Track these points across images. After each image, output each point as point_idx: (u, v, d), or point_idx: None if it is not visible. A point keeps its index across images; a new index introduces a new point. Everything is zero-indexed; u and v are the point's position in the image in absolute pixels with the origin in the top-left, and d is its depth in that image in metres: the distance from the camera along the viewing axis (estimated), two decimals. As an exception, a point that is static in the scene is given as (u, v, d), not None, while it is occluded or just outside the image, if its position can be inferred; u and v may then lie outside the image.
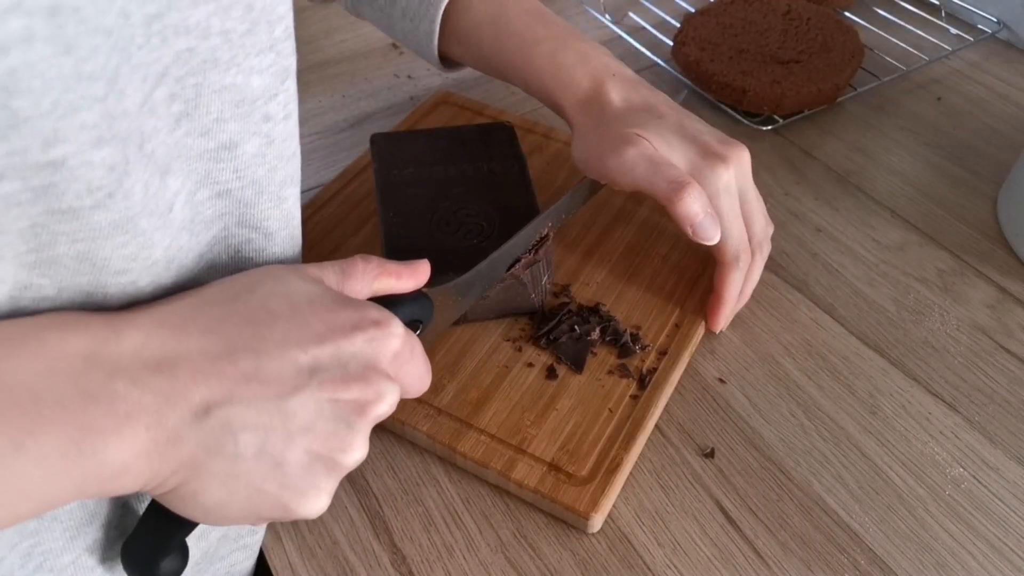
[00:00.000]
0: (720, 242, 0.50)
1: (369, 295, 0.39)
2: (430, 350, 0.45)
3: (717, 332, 0.55)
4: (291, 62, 0.36)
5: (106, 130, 0.28)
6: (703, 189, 0.49)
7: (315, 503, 0.34)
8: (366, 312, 0.35)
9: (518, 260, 0.49)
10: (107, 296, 0.32)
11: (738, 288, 0.53)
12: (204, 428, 0.31)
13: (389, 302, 0.39)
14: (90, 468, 0.29)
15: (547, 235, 0.51)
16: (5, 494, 0.28)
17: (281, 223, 0.39)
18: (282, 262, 0.40)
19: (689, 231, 0.49)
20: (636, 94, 0.53)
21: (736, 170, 0.50)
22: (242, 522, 0.34)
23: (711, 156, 0.50)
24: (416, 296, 0.42)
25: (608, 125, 0.52)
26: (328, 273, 0.37)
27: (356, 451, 0.34)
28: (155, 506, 0.35)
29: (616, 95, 0.53)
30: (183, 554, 0.37)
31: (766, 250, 0.54)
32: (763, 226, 0.53)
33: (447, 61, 0.60)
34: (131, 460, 0.30)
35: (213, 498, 0.32)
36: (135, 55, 0.28)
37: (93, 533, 0.37)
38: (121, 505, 0.37)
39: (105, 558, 0.37)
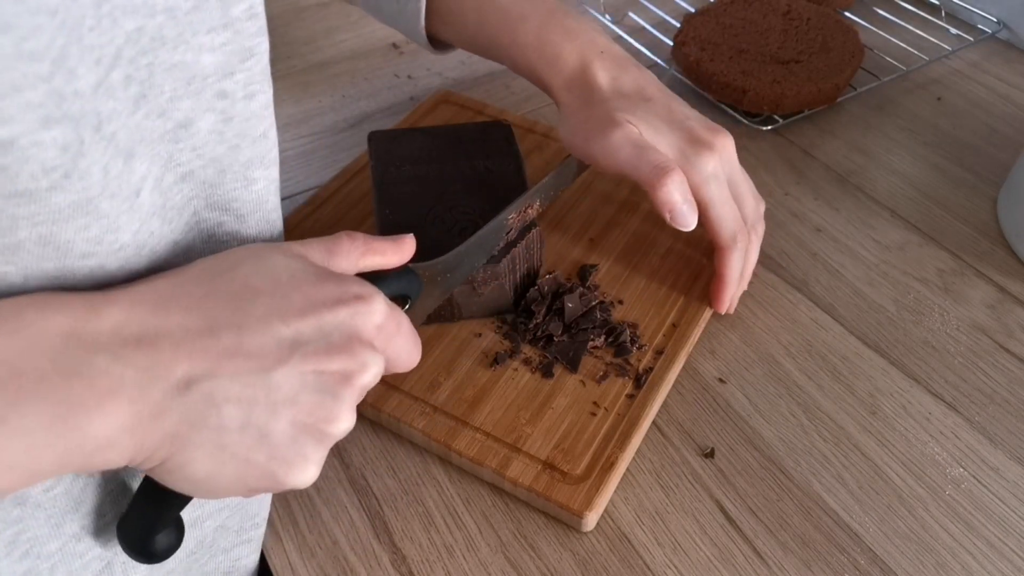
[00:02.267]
0: (716, 226, 0.51)
1: (355, 271, 0.39)
2: (424, 343, 0.45)
3: (723, 313, 0.55)
4: (256, 43, 0.35)
5: (54, 109, 0.27)
6: (690, 176, 0.49)
7: (303, 473, 0.34)
8: (348, 286, 0.35)
9: (508, 244, 0.50)
10: (76, 281, 0.32)
11: (739, 269, 0.53)
12: (187, 402, 0.31)
13: (375, 277, 0.39)
14: (73, 442, 0.29)
15: (530, 217, 0.51)
16: None
17: (252, 206, 0.38)
18: (249, 242, 0.40)
19: (667, 217, 0.49)
20: (625, 74, 0.52)
21: (722, 155, 0.50)
22: (233, 494, 0.34)
23: (697, 143, 0.50)
24: (403, 271, 0.42)
25: (595, 107, 0.51)
26: (313, 250, 0.37)
27: (342, 421, 0.34)
28: (147, 482, 0.35)
29: (604, 76, 0.52)
30: (178, 530, 0.37)
31: (760, 229, 0.55)
32: (754, 206, 0.54)
33: (436, 42, 0.59)
34: (115, 434, 0.30)
35: (201, 470, 0.32)
36: (86, 36, 0.28)
37: (79, 520, 0.37)
38: (107, 492, 0.37)
39: (93, 544, 0.37)
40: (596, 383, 0.50)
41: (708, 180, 0.50)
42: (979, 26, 0.84)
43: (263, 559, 0.46)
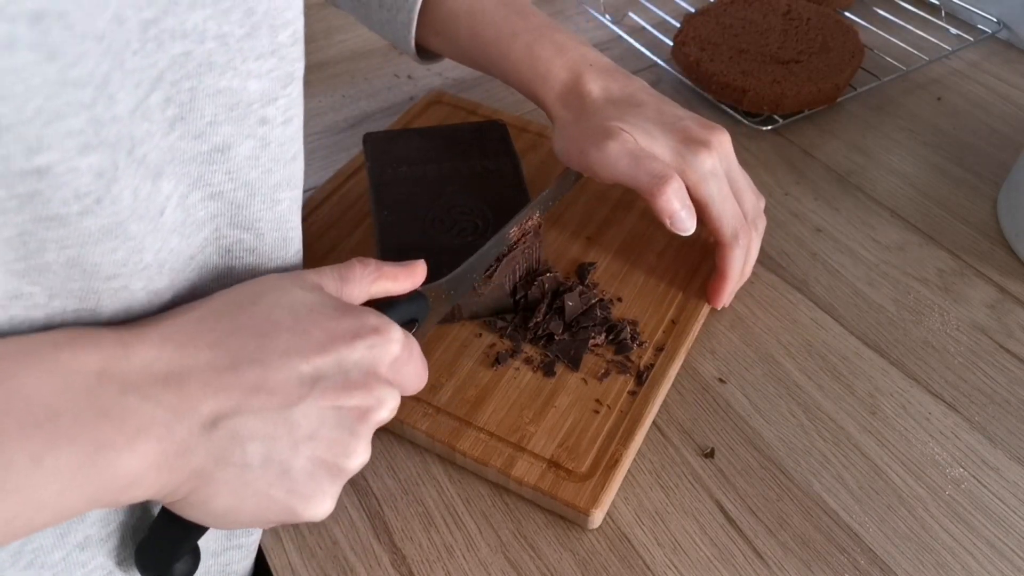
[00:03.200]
0: (718, 224, 0.51)
1: (367, 298, 0.40)
2: (425, 345, 0.45)
3: (719, 309, 0.55)
4: (297, 67, 0.36)
5: (93, 136, 0.27)
6: (688, 175, 0.50)
7: (320, 506, 0.35)
8: (365, 319, 0.36)
9: (506, 254, 0.50)
10: (100, 302, 0.32)
11: (740, 266, 0.53)
12: (213, 439, 0.32)
13: (386, 303, 0.40)
14: (104, 480, 0.30)
15: (531, 229, 0.51)
16: (23, 505, 0.28)
17: (273, 224, 0.39)
18: (274, 262, 0.40)
19: (668, 223, 0.50)
20: (615, 83, 0.53)
21: (719, 153, 0.51)
22: (251, 526, 0.35)
23: (693, 143, 0.50)
24: (412, 296, 0.42)
25: (588, 118, 0.52)
26: (327, 279, 0.38)
27: (359, 456, 0.35)
28: (167, 511, 0.35)
29: (595, 86, 0.52)
30: (195, 557, 0.37)
31: (761, 225, 0.55)
32: (754, 202, 0.54)
33: (423, 52, 0.59)
34: (143, 471, 0.30)
35: (223, 504, 0.33)
36: (129, 60, 0.28)
37: (83, 530, 0.37)
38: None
39: (96, 554, 0.38)
40: (598, 381, 0.50)
41: (706, 178, 0.50)
42: (979, 26, 0.84)
43: (262, 559, 0.46)
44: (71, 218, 0.28)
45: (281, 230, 0.39)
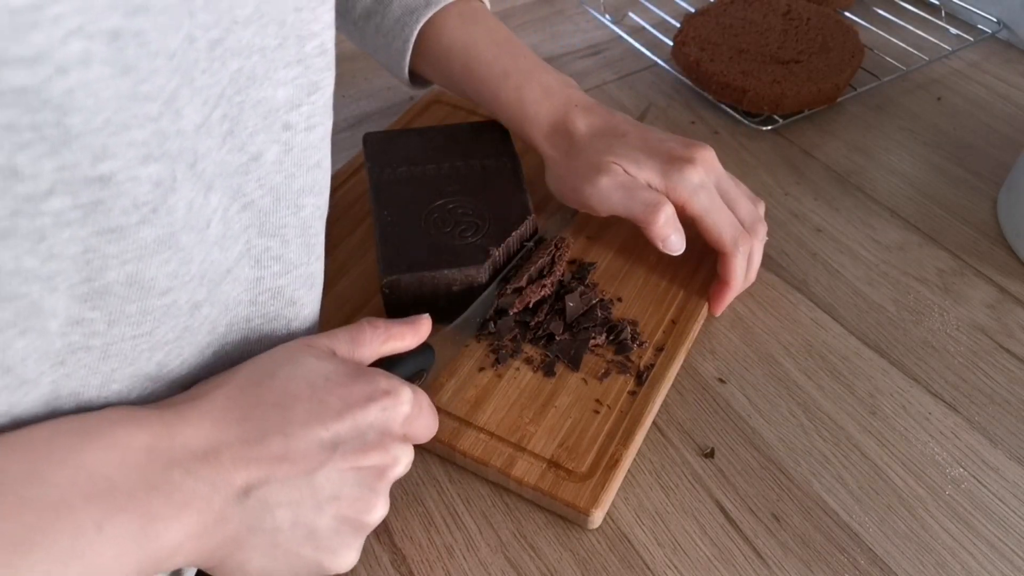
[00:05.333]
0: (715, 234, 0.52)
1: (378, 357, 0.43)
2: (432, 387, 0.48)
3: (718, 315, 0.56)
4: (322, 78, 0.37)
5: (156, 148, 0.29)
6: (678, 192, 0.52)
7: (346, 559, 0.38)
8: (377, 383, 0.39)
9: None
10: (154, 325, 0.34)
11: (742, 273, 0.54)
12: (246, 508, 0.34)
13: (395, 358, 0.43)
14: (151, 550, 0.32)
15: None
16: (86, 569, 0.31)
17: (297, 231, 0.40)
18: (298, 268, 0.41)
19: (660, 246, 0.53)
20: (598, 118, 0.55)
21: (704, 167, 0.53)
22: None
23: (677, 160, 0.52)
24: (419, 348, 0.45)
25: (578, 155, 0.54)
26: (340, 343, 0.41)
27: (379, 510, 0.38)
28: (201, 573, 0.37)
29: (581, 123, 0.55)
30: None
31: (762, 230, 0.55)
32: (750, 208, 0.55)
33: (415, 77, 0.61)
34: (184, 541, 0.33)
35: (257, 566, 0.36)
36: (198, 78, 0.30)
37: None
38: None
39: None
40: (598, 381, 0.50)
41: (696, 191, 0.52)
42: (979, 26, 0.84)
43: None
44: (129, 229, 0.30)
45: (305, 236, 0.41)
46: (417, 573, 0.44)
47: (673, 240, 0.52)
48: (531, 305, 0.52)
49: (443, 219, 0.53)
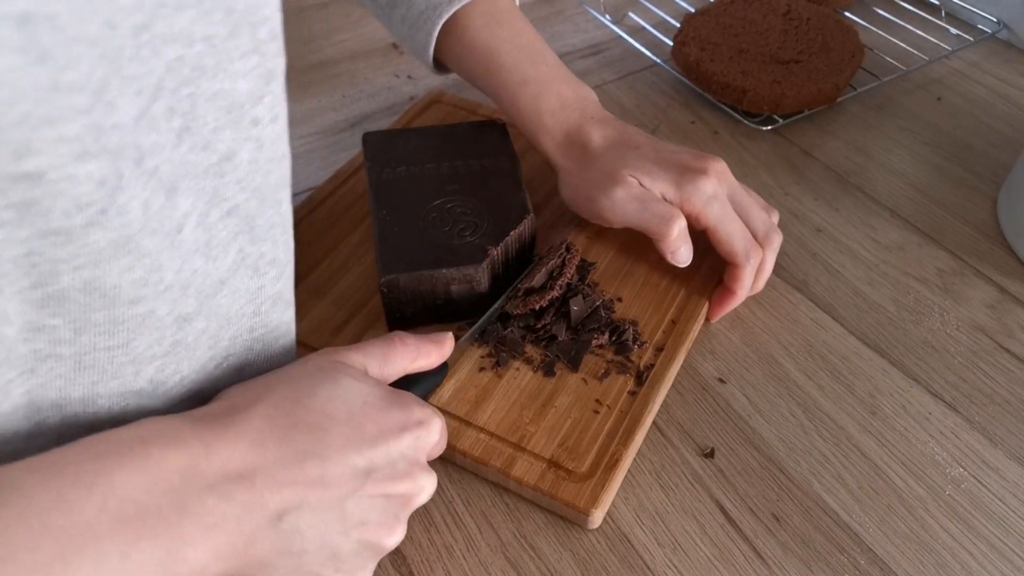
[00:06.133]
0: (727, 245, 0.53)
1: (404, 373, 0.43)
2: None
3: (714, 322, 0.56)
4: (276, 63, 0.35)
5: (92, 143, 0.27)
6: (691, 203, 0.52)
7: None
8: (411, 413, 0.39)
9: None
10: (129, 335, 0.33)
11: (749, 284, 0.54)
12: (279, 532, 0.34)
13: (413, 379, 0.44)
14: (176, 571, 0.31)
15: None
16: None
17: (282, 228, 0.40)
18: (287, 267, 0.41)
19: (670, 258, 0.53)
20: (612, 130, 0.56)
21: (717, 178, 0.53)
22: None
23: (690, 172, 0.53)
24: (439, 367, 0.46)
25: (592, 166, 0.55)
26: (372, 361, 0.41)
27: (398, 535, 0.38)
28: None
29: (595, 135, 0.56)
30: None
31: (776, 240, 0.55)
32: (764, 219, 0.54)
33: (440, 66, 0.61)
34: (210, 562, 0.32)
35: None
36: (126, 66, 0.28)
37: None
38: None
39: None
40: (598, 381, 0.50)
41: (708, 202, 0.52)
42: (979, 26, 0.84)
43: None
44: (76, 231, 0.28)
45: (288, 232, 0.40)
46: (417, 573, 0.44)
47: (683, 252, 0.53)
48: (538, 309, 0.52)
49: (442, 218, 0.53)
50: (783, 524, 0.45)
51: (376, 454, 0.37)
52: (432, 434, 0.39)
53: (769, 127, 0.71)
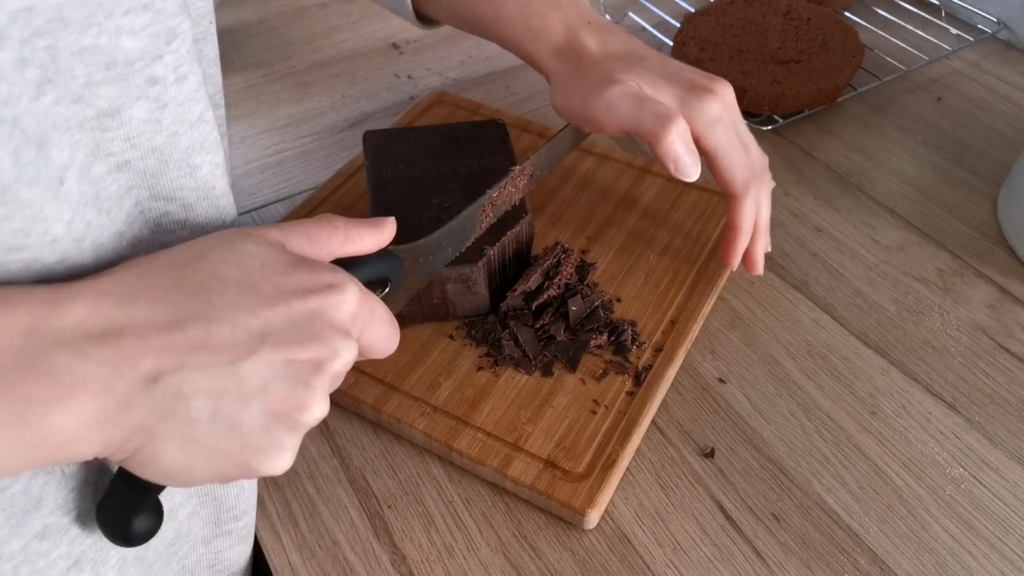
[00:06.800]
0: (728, 173, 0.50)
1: (334, 258, 0.39)
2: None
3: (733, 268, 0.55)
4: (178, 23, 0.34)
5: None
6: (695, 122, 0.49)
7: (277, 461, 0.34)
8: (320, 275, 0.35)
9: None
10: (12, 276, 0.31)
11: (752, 218, 0.52)
12: (154, 395, 0.31)
13: (353, 261, 0.39)
14: (35, 438, 0.29)
15: (512, 177, 0.50)
16: None
17: (199, 193, 0.38)
18: (208, 230, 0.39)
19: (671, 168, 0.48)
20: (614, 39, 0.52)
21: (724, 101, 0.50)
22: (208, 482, 0.34)
23: (698, 89, 0.49)
24: (382, 255, 0.41)
25: (588, 70, 0.50)
26: (291, 237, 0.37)
27: (315, 409, 0.34)
28: (123, 469, 0.35)
29: (593, 41, 0.51)
30: (157, 513, 0.37)
31: (768, 181, 0.53)
32: (760, 155, 0.52)
33: (422, 17, 0.59)
34: (79, 429, 0.30)
35: (173, 461, 0.33)
36: None
37: (41, 519, 0.36)
38: (70, 488, 0.37)
39: (59, 542, 0.37)
40: (596, 381, 0.50)
41: (713, 124, 0.49)
42: (979, 26, 0.84)
43: (263, 559, 0.46)
44: None
45: (209, 197, 0.38)
46: (417, 573, 0.44)
47: (686, 161, 0.48)
48: (535, 308, 0.52)
49: (440, 218, 0.53)
50: (783, 524, 0.45)
51: (274, 314, 0.33)
52: (345, 300, 0.35)
53: (769, 127, 0.71)
